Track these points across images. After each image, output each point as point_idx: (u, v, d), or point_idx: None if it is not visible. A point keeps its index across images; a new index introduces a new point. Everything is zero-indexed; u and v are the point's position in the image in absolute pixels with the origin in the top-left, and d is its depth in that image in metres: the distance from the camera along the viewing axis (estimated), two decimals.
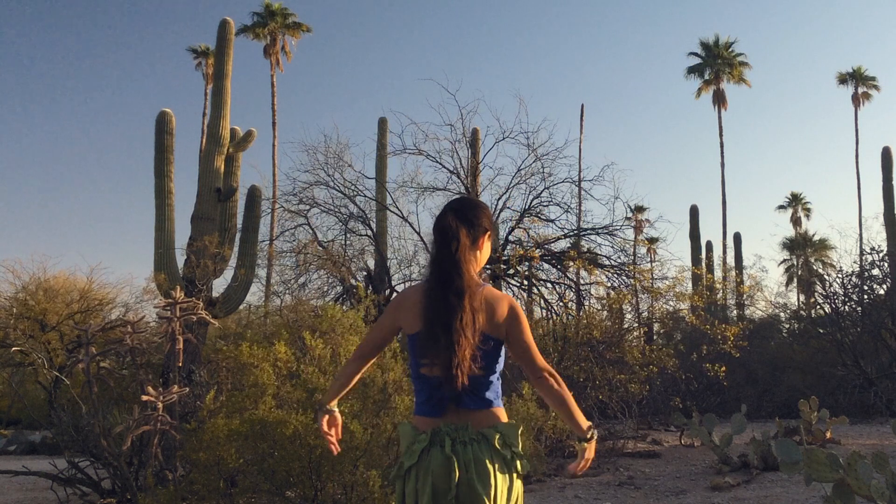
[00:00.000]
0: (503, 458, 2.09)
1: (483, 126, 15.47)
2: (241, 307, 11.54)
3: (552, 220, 12.39)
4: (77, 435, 6.50)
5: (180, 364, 6.33)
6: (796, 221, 39.14)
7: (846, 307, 14.34)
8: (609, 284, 11.68)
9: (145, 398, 5.56)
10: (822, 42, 63.74)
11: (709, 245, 26.28)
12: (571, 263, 11.37)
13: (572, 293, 12.05)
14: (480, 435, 2.10)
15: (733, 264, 26.25)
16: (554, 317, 11.60)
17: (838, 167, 65.90)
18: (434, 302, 2.11)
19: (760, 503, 6.07)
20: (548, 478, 7.56)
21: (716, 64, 32.55)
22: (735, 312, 18.85)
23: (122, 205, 56.12)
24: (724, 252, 27.79)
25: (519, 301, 11.75)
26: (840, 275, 14.73)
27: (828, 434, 9.01)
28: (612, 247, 12.21)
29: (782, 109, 62.91)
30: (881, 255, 14.12)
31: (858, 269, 14.59)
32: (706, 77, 32.87)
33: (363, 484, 4.77)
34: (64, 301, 13.62)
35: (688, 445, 9.66)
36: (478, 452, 2.06)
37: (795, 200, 39.14)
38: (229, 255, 10.29)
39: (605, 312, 11.39)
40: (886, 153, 22.00)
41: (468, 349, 2.07)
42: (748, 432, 8.68)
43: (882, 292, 14.08)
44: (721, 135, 31.60)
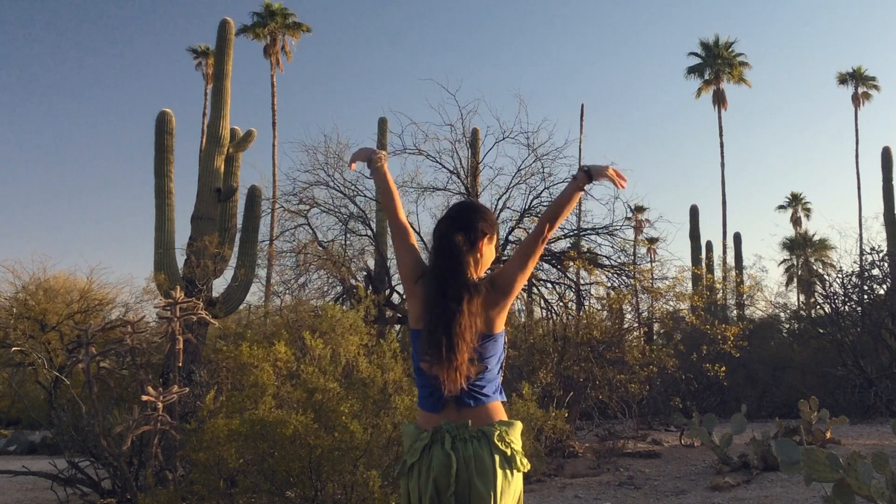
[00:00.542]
0: (503, 455, 2.11)
1: (483, 126, 15.46)
2: (241, 307, 11.54)
3: None
4: (77, 435, 6.50)
5: (180, 364, 6.33)
6: (796, 221, 39.14)
7: (846, 307, 14.34)
8: (609, 284, 11.70)
9: (145, 398, 5.57)
10: (822, 42, 63.82)
11: (709, 245, 26.30)
12: (571, 263, 11.37)
13: (572, 293, 12.07)
14: (480, 432, 2.12)
15: (733, 264, 26.22)
16: (554, 317, 11.61)
17: (838, 167, 65.93)
18: (433, 308, 2.15)
19: (760, 503, 6.07)
20: (548, 478, 7.56)
21: (716, 64, 32.53)
22: (735, 312, 18.83)
23: (122, 205, 56.21)
24: (724, 252, 27.80)
25: (519, 301, 11.76)
26: (840, 275, 14.75)
27: (828, 434, 9.00)
28: (612, 247, 12.22)
29: (782, 109, 63.01)
30: (881, 255, 14.12)
31: (858, 269, 14.60)
32: (706, 77, 32.85)
33: (363, 484, 4.77)
34: (64, 301, 13.63)
35: (688, 445, 9.66)
36: (478, 449, 2.09)
37: (795, 200, 39.13)
38: (229, 255, 10.30)
39: (605, 312, 11.37)
40: (886, 153, 22.00)
41: (466, 353, 2.10)
42: (748, 432, 8.67)
43: (882, 292, 14.08)
44: (721, 135, 31.63)
